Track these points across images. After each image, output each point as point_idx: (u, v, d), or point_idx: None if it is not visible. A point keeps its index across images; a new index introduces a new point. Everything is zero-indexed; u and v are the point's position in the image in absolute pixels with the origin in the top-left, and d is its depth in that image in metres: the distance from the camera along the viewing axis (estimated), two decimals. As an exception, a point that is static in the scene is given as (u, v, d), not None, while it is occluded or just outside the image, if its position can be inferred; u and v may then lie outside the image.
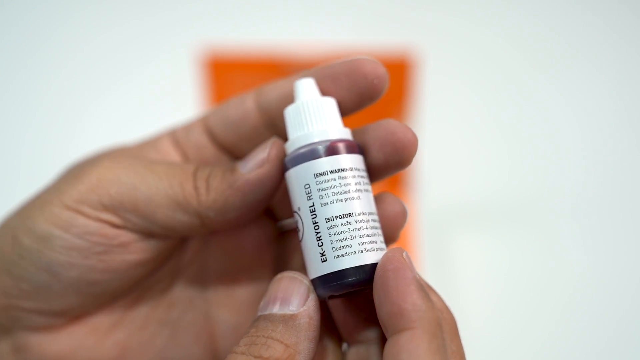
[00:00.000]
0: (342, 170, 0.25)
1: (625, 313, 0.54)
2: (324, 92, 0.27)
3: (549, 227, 0.59)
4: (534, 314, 0.54)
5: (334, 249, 0.25)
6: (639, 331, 0.53)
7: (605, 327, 0.53)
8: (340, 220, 0.25)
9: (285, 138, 0.27)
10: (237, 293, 0.31)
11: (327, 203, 0.25)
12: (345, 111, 0.28)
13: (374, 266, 0.25)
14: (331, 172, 0.25)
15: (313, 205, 0.25)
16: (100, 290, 0.29)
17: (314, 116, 0.26)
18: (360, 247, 0.25)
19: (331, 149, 0.25)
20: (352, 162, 0.26)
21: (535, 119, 0.66)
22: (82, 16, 0.72)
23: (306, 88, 0.27)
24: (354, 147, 0.26)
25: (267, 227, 0.31)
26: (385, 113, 0.55)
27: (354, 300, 0.27)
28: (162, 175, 0.27)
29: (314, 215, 0.25)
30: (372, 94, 0.27)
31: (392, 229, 0.27)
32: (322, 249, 0.25)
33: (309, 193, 0.25)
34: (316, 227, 0.25)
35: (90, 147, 0.33)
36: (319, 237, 0.25)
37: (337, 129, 0.26)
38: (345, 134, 0.27)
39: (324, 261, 0.25)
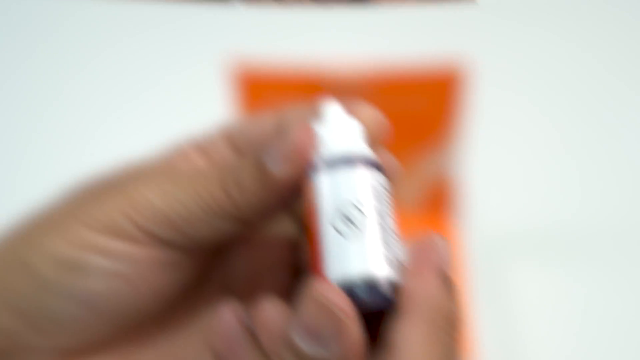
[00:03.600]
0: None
1: None
2: None
3: (627, 260, 0.55)
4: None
5: (396, 256, 0.25)
6: None
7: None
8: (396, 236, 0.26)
9: None
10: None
11: (389, 215, 0.25)
12: None
13: None
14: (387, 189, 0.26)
15: (380, 208, 0.25)
16: (139, 317, 0.27)
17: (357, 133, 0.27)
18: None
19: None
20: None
21: (610, 135, 0.62)
22: (110, 26, 0.72)
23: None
24: None
25: (287, 228, 0.31)
26: (430, 131, 0.54)
27: None
28: (189, 188, 0.26)
29: (380, 218, 0.25)
30: None
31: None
32: (387, 250, 0.25)
33: (377, 196, 0.25)
34: (382, 229, 0.25)
35: (113, 159, 0.31)
36: (385, 240, 0.25)
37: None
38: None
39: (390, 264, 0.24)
